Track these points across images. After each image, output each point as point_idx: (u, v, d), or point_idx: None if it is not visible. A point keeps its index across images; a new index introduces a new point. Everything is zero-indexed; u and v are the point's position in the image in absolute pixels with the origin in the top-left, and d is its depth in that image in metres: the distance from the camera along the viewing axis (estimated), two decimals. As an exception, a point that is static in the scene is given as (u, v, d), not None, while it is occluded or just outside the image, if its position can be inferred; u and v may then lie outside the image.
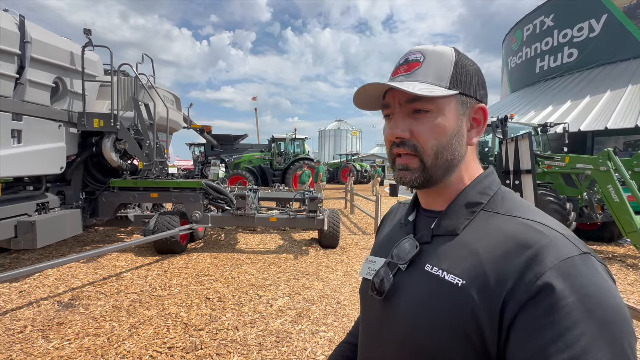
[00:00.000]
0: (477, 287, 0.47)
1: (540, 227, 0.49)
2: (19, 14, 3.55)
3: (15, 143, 3.56)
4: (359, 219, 8.90)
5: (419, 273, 0.55)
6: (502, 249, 0.48)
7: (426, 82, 0.55)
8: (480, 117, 0.59)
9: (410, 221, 0.65)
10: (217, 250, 5.46)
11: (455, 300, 0.49)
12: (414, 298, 0.54)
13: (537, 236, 0.47)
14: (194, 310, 3.24)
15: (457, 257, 0.52)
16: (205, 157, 19.32)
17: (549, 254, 0.45)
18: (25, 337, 2.70)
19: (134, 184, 5.14)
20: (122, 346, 2.58)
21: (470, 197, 0.57)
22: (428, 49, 0.58)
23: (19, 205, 3.78)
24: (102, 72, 4.94)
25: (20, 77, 3.56)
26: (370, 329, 0.63)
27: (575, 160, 5.88)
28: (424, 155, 0.56)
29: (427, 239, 0.58)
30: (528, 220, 0.51)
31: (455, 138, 0.56)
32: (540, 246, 0.46)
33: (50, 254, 4.98)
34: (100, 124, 4.62)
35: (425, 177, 0.57)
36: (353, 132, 47.06)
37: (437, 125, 0.55)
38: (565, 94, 16.54)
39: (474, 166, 0.61)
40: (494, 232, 0.51)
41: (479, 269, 0.48)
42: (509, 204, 0.55)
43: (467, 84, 0.57)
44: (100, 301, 3.39)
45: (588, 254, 0.45)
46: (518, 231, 0.49)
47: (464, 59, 0.58)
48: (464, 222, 0.55)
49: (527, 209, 0.54)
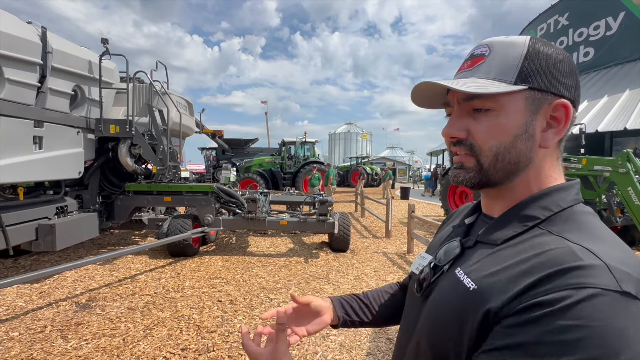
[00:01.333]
0: (485, 295, 0.45)
1: (584, 252, 0.41)
2: (41, 26, 3.71)
3: (37, 149, 3.70)
4: (370, 222, 8.85)
5: (450, 275, 0.54)
6: (527, 265, 0.43)
7: (487, 77, 0.50)
8: (561, 115, 0.50)
9: (465, 224, 0.62)
10: (229, 253, 5.52)
11: (462, 303, 0.48)
12: (438, 296, 0.55)
13: (569, 257, 0.40)
14: (206, 312, 3.28)
15: (483, 264, 0.49)
16: (217, 161, 19.61)
17: (570, 276, 0.38)
18: (45, 336, 2.79)
19: (148, 188, 5.27)
20: (137, 347, 2.64)
21: (529, 210, 0.50)
22: (496, 40, 0.53)
23: (40, 208, 3.91)
24: (118, 79, 5.09)
25: (41, 86, 3.71)
26: (407, 322, 0.64)
27: (593, 162, 5.71)
28: (482, 155, 0.52)
29: (471, 244, 0.56)
30: (574, 244, 0.43)
31: (520, 139, 0.50)
32: (568, 267, 0.39)
33: (68, 256, 5.13)
34: (117, 129, 4.76)
35: (481, 178, 0.53)
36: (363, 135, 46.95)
37: (497, 124, 0.50)
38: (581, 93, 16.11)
39: (549, 174, 0.53)
40: (530, 249, 0.46)
41: (494, 278, 0.45)
42: (569, 226, 0.47)
43: (543, 77, 0.49)
44: (116, 302, 3.47)
45: (632, 298, 0.37)
46: (554, 250, 0.43)
47: (543, 49, 0.50)
48: (510, 234, 0.50)
49: (588, 234, 0.45)
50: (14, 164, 3.38)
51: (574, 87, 0.51)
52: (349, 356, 2.60)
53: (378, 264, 5.02)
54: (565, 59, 0.51)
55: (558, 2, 18.94)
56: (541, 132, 0.51)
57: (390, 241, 6.61)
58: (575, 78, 0.51)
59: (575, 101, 0.51)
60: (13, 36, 3.29)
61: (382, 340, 2.82)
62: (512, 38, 0.52)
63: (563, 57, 0.51)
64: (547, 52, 0.50)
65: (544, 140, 0.51)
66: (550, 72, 0.49)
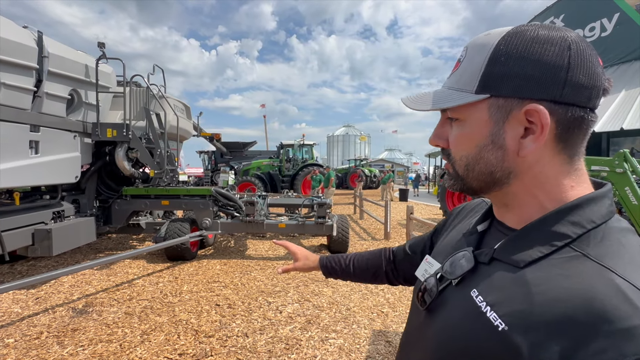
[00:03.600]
0: (517, 340, 0.38)
1: (634, 292, 0.35)
2: (37, 30, 3.71)
3: (33, 153, 3.68)
4: (369, 224, 8.84)
5: (464, 295, 0.49)
6: (567, 308, 0.36)
7: (454, 87, 0.48)
8: (536, 119, 0.43)
9: (477, 231, 0.56)
10: (227, 256, 5.50)
11: (487, 342, 0.42)
12: (450, 319, 0.49)
13: (625, 308, 0.34)
14: (204, 316, 3.26)
15: (509, 294, 0.42)
16: (215, 164, 19.59)
17: (622, 344, 0.32)
18: (41, 342, 2.76)
19: (145, 192, 5.25)
20: (134, 352, 2.62)
21: (557, 226, 0.43)
22: (474, 41, 0.49)
23: (36, 213, 3.89)
24: (115, 83, 5.09)
25: (38, 90, 3.70)
26: (411, 331, 0.62)
27: (590, 162, 5.72)
28: (456, 164, 0.51)
29: (486, 259, 0.49)
30: (625, 281, 0.36)
31: (485, 149, 0.46)
32: (627, 327, 0.33)
33: (65, 261, 5.10)
34: (114, 133, 4.75)
35: (462, 185, 0.52)
36: (361, 137, 47.02)
37: (463, 135, 0.49)
38: (577, 94, 16.24)
39: (560, 183, 0.46)
40: (568, 281, 0.39)
41: (528, 320, 0.38)
42: (609, 248, 0.40)
43: (508, 82, 0.43)
44: (113, 308, 3.45)
45: None
46: (601, 292, 0.36)
47: (515, 47, 0.43)
48: (536, 255, 0.43)
49: (635, 262, 0.39)
50: (10, 169, 3.36)
51: (560, 82, 0.42)
52: (348, 359, 2.58)
53: (377, 266, 5.01)
54: (547, 51, 0.42)
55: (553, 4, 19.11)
56: (520, 140, 0.45)
57: (389, 243, 6.60)
58: (560, 71, 0.42)
59: (561, 99, 0.42)
60: (9, 41, 3.28)
61: (382, 344, 2.81)
62: (486, 38, 0.47)
63: (542, 50, 0.42)
64: (519, 49, 0.43)
65: (521, 148, 0.45)
66: (520, 73, 0.43)
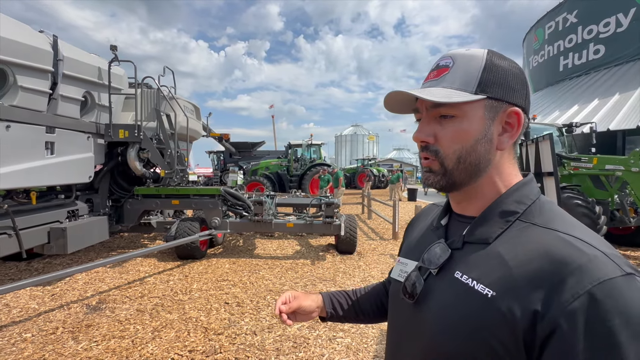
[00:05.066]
0: (507, 301, 0.47)
1: (580, 243, 0.46)
2: (52, 34, 3.81)
3: (49, 154, 3.79)
4: (377, 224, 8.81)
5: (449, 279, 0.55)
6: (536, 264, 0.47)
7: (452, 87, 0.55)
8: (514, 121, 0.56)
9: (442, 225, 0.64)
10: (236, 255, 5.55)
11: (483, 311, 0.48)
12: (442, 303, 0.54)
13: (575, 253, 0.45)
14: (214, 314, 3.30)
15: (488, 267, 0.51)
16: (224, 164, 19.77)
17: (588, 274, 0.43)
18: (57, 338, 2.84)
19: (156, 191, 5.34)
20: (146, 349, 2.67)
21: (505, 206, 0.55)
22: (459, 53, 0.58)
23: (52, 212, 4.00)
24: (127, 85, 5.19)
25: (53, 93, 3.81)
26: (399, 331, 0.64)
27: (604, 161, 5.60)
28: (445, 159, 0.56)
29: (459, 245, 0.57)
30: (567, 235, 0.48)
31: (480, 142, 0.55)
32: (579, 264, 0.44)
33: (79, 259, 5.23)
34: (125, 134, 4.85)
35: (447, 180, 0.57)
36: (370, 137, 46.82)
37: (460, 130, 0.55)
38: (592, 92, 15.81)
39: (509, 172, 0.58)
40: (529, 245, 0.49)
41: (510, 282, 0.47)
42: (547, 215, 0.53)
43: (499, 88, 0.55)
44: (125, 305, 3.52)
45: (632, 275, 0.43)
46: (555, 246, 0.47)
47: (499, 62, 0.56)
48: (497, 231, 0.54)
49: (565, 221, 0.52)
50: (28, 169, 3.47)
51: (525, 96, 0.57)
52: (355, 358, 2.59)
53: (385, 266, 4.99)
54: (518, 71, 0.57)
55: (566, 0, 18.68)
56: (498, 136, 0.56)
57: (397, 243, 6.57)
58: (526, 88, 0.57)
59: (526, 109, 0.57)
60: (26, 45, 3.38)
61: (389, 343, 2.80)
62: (472, 51, 0.57)
63: (516, 70, 0.57)
64: (502, 65, 0.56)
65: (500, 143, 0.56)
66: (505, 83, 0.55)
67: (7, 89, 3.34)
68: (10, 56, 3.22)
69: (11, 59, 3.23)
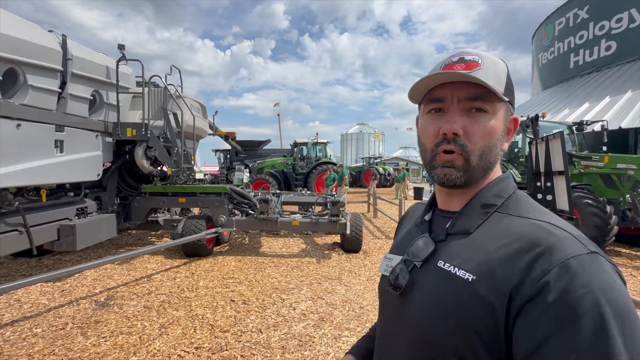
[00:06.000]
0: (486, 283, 0.50)
1: (550, 227, 0.51)
2: (62, 34, 3.85)
3: (58, 152, 3.84)
4: (382, 222, 8.77)
5: (433, 269, 0.58)
6: (512, 248, 0.51)
7: (490, 83, 0.55)
8: (512, 127, 0.63)
9: (426, 220, 0.68)
10: (242, 253, 5.58)
11: (464, 294, 0.51)
12: (427, 292, 0.57)
13: (545, 235, 0.50)
14: (220, 312, 3.32)
15: (469, 254, 0.55)
16: (230, 162, 19.87)
17: (556, 252, 0.47)
18: (66, 333, 2.89)
19: (163, 189, 5.39)
20: (153, 345, 2.70)
21: (486, 199, 0.60)
22: (482, 53, 0.59)
23: (61, 210, 4.06)
24: (134, 84, 5.24)
25: (62, 92, 3.86)
26: (387, 322, 0.67)
27: (616, 160, 5.48)
28: (472, 155, 0.57)
29: (442, 237, 0.60)
30: (538, 220, 0.53)
31: (499, 142, 0.59)
32: (549, 245, 0.48)
33: (88, 255, 5.31)
34: (133, 133, 4.89)
35: (468, 176, 0.58)
36: (376, 135, 46.61)
37: (491, 126, 0.57)
38: (603, 89, 15.50)
39: (497, 170, 0.63)
40: (505, 232, 0.54)
41: (489, 266, 0.51)
42: (521, 207, 0.58)
43: (512, 96, 0.60)
44: (133, 301, 3.56)
45: (596, 254, 0.47)
46: (528, 231, 0.52)
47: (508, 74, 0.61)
48: (478, 222, 0.58)
49: (538, 211, 0.57)
50: (38, 167, 3.52)
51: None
52: (361, 358, 2.58)
53: (391, 265, 4.97)
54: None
55: (577, -4, 18.32)
56: None
57: (403, 242, 6.53)
58: None
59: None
60: (36, 44, 3.43)
61: (395, 342, 2.79)
62: (492, 55, 0.60)
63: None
64: (509, 77, 0.61)
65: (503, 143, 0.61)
66: (513, 93, 0.61)
67: (18, 88, 3.38)
68: (21, 55, 3.27)
69: (22, 59, 3.28)
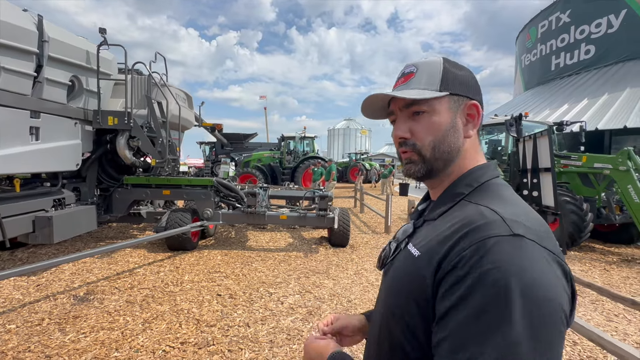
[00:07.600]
0: (426, 257, 0.57)
1: (488, 212, 0.55)
2: (38, 14, 3.63)
3: (34, 140, 3.64)
4: (369, 218, 8.84)
5: (404, 250, 0.66)
6: (452, 228, 0.56)
7: (419, 88, 0.65)
8: (474, 112, 0.66)
9: (418, 210, 0.75)
10: (228, 247, 5.50)
11: (411, 268, 0.59)
12: (394, 269, 0.67)
13: (478, 217, 0.54)
14: (206, 306, 3.26)
15: (425, 235, 0.62)
16: (215, 155, 19.50)
17: (479, 231, 0.51)
18: (43, 329, 2.76)
19: (146, 181, 5.22)
20: (136, 340, 2.62)
21: (457, 188, 0.65)
22: (420, 61, 0.69)
23: (37, 201, 3.86)
24: (116, 70, 5.02)
25: (38, 76, 3.64)
26: (377, 300, 0.76)
27: (593, 160, 5.70)
28: (423, 149, 0.65)
29: (420, 223, 0.69)
30: (484, 206, 0.57)
31: (450, 132, 0.64)
32: (477, 225, 0.53)
33: (65, 249, 5.09)
34: (115, 121, 4.70)
35: (427, 168, 0.65)
36: (362, 131, 46.80)
37: (432, 122, 0.64)
38: (582, 91, 16.07)
39: (473, 157, 0.67)
40: (457, 216, 0.58)
41: (431, 243, 0.58)
42: (485, 195, 0.61)
43: (458, 86, 0.65)
44: (114, 296, 3.45)
45: (521, 237, 0.50)
46: (470, 214, 0.56)
47: (453, 66, 0.67)
48: (444, 209, 0.63)
49: (497, 199, 0.59)
50: (10, 155, 3.33)
51: (479, 92, 0.68)
52: (349, 350, 2.59)
53: (378, 260, 5.02)
54: (470, 73, 0.68)
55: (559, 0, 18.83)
56: (463, 126, 0.65)
57: (389, 237, 6.61)
58: (478, 86, 0.68)
59: (481, 103, 0.68)
60: (8, 24, 3.21)
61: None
62: (431, 59, 0.68)
63: (468, 71, 0.68)
64: (458, 69, 0.67)
65: (465, 131, 0.66)
66: (462, 81, 0.66)
67: (-11, 70, 3.17)
68: (-8, 35, 3.06)
69: (-7, 38, 3.07)
